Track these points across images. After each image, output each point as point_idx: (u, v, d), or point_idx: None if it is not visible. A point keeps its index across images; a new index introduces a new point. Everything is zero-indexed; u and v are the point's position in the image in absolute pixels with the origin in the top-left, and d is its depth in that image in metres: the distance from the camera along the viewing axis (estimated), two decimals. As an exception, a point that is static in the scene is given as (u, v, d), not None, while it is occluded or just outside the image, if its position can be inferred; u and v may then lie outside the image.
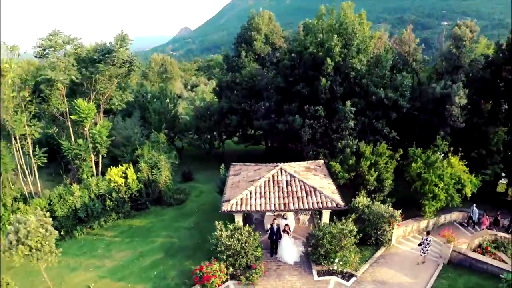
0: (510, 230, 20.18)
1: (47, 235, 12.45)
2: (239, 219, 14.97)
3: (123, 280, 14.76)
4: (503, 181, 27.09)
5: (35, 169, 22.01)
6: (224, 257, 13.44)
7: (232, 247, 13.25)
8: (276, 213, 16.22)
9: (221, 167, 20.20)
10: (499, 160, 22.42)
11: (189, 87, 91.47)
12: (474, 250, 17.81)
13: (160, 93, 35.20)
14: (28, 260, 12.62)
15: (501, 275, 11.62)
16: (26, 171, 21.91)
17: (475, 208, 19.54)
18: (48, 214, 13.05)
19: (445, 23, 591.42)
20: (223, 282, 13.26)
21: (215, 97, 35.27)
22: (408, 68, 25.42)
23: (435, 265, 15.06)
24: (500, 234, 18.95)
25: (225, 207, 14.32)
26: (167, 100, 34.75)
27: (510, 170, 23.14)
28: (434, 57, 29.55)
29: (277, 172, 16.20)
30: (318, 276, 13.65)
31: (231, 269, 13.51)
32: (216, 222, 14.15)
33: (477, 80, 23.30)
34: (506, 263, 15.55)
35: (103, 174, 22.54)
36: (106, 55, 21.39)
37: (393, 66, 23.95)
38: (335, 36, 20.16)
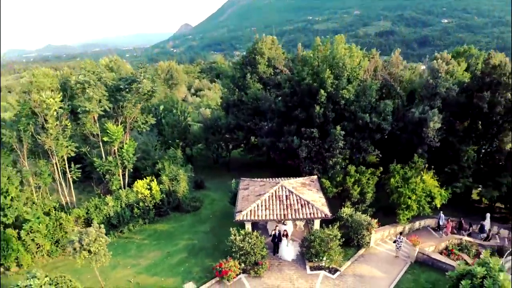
0: (488, 236, 24.32)
1: (103, 242, 16.66)
2: (248, 226, 19.19)
3: (157, 275, 18.97)
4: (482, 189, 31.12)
5: (71, 182, 26.18)
6: (238, 256, 17.65)
7: (243, 248, 17.47)
8: (278, 220, 20.42)
9: (232, 182, 24.38)
10: (469, 174, 26.52)
11: (193, 90, 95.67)
12: (441, 252, 21.97)
13: (172, 106, 39.28)
14: (88, 262, 16.73)
15: (446, 273, 15.72)
16: (63, 184, 26.09)
17: (442, 215, 23.66)
18: (102, 226, 17.16)
19: (445, 20, 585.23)
20: (237, 275, 17.50)
21: (220, 106, 39.42)
22: (393, 92, 29.51)
23: (404, 263, 19.25)
24: (465, 238, 23.10)
25: (238, 217, 18.54)
26: (178, 113, 38.94)
27: (479, 182, 27.30)
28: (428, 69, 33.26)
29: (278, 188, 20.40)
30: (310, 271, 17.91)
31: (242, 265, 17.73)
32: (231, 229, 18.38)
33: (453, 104, 27.34)
34: (469, 263, 19.60)
35: (129, 185, 26.81)
36: (131, 84, 25.52)
37: (378, 91, 27.98)
38: (328, 70, 24.27)
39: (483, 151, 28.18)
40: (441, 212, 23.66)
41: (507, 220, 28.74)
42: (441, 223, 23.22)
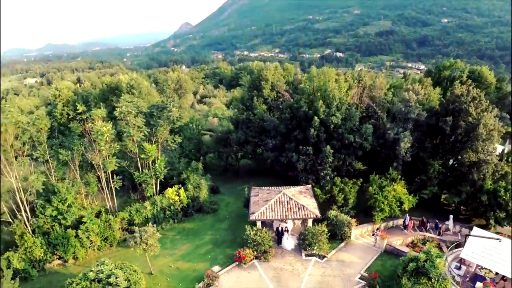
0: (439, 231, 30.79)
1: (156, 237, 23.20)
2: (259, 224, 25.79)
3: (190, 261, 25.56)
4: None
5: (113, 190, 32.68)
6: (251, 246, 24.24)
7: (256, 240, 24.06)
8: (281, 220, 27.00)
9: (245, 189, 30.91)
10: (435, 183, 32.94)
11: (198, 97, 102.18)
12: (408, 245, 28.49)
13: (189, 122, 45.69)
14: (145, 252, 23.11)
15: (400, 258, 22.28)
16: (107, 192, 32.58)
17: (407, 215, 30.11)
18: (154, 225, 23.68)
19: (445, 19, 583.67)
20: (251, 260, 24.07)
21: (231, 122, 45.78)
22: (375, 115, 35.97)
23: (376, 252, 25.83)
24: (427, 234, 29.64)
25: (252, 217, 25.15)
26: (194, 126, 45.51)
27: (444, 190, 33.85)
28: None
29: (281, 195, 27.02)
30: (305, 257, 24.52)
31: (255, 253, 24.32)
32: (246, 226, 24.96)
33: (424, 126, 33.79)
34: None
35: (160, 192, 33.37)
36: (162, 111, 32.02)
37: (362, 116, 34.41)
38: (321, 100, 30.78)
39: (448, 164, 34.70)
40: (407, 213, 30.14)
41: (470, 220, 35.25)
42: (406, 223, 29.70)
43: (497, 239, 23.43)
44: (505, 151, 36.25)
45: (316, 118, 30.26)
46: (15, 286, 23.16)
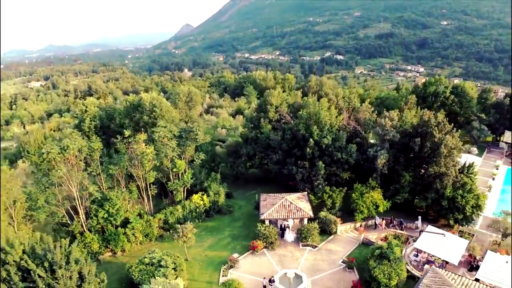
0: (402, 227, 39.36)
1: (193, 232, 31.87)
2: (267, 222, 34.50)
3: (215, 251, 34.25)
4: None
5: (150, 196, 41.33)
6: (262, 238, 32.94)
7: (265, 234, 32.75)
8: (283, 219, 35.64)
9: (255, 195, 39.66)
10: (407, 190, 41.49)
11: (205, 106, 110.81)
12: (382, 239, 37.14)
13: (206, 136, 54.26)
14: (184, 243, 31.71)
15: (370, 246, 30.96)
16: (145, 198, 41.22)
17: (377, 217, 38.63)
18: (192, 224, 32.37)
19: (445, 22, 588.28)
20: (261, 249, 32.79)
21: (241, 138, 54.42)
22: (360, 134, 44.61)
23: (355, 243, 34.52)
24: (398, 231, 38.28)
25: (262, 217, 33.96)
26: (209, 142, 54.21)
27: (414, 196, 42.51)
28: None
29: (284, 200, 35.76)
30: (302, 246, 33.26)
31: (264, 243, 33.02)
32: (258, 223, 33.67)
33: (399, 144, 42.43)
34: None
35: (187, 197, 42.03)
36: (189, 133, 40.72)
37: (349, 136, 43.06)
38: (315, 126, 39.48)
39: (418, 175, 43.30)
40: (376, 215, 38.63)
41: (436, 220, 43.82)
42: (377, 222, 38.35)
43: (442, 234, 32.10)
44: (466, 164, 44.74)
45: (311, 140, 38.97)
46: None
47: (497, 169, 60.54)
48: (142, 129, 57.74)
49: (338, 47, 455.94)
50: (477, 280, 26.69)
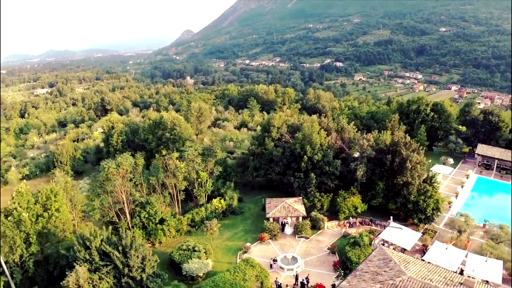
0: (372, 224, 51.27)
1: (218, 226, 43.86)
2: (271, 219, 46.59)
3: (233, 241, 46.27)
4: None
5: (179, 200, 53.38)
6: (267, 232, 44.97)
7: (270, 228, 44.83)
8: (284, 217, 47.70)
9: (262, 199, 51.71)
10: (381, 196, 53.45)
11: (212, 118, 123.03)
12: (359, 234, 49.10)
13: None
14: (211, 235, 43.68)
15: (346, 237, 42.99)
16: (175, 202, 53.24)
17: (351, 217, 50.49)
18: (215, 220, 44.42)
19: (443, 29, 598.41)
20: (267, 239, 44.82)
21: (249, 153, 66.42)
22: (344, 152, 56.69)
23: (337, 236, 46.51)
24: (373, 227, 50.22)
25: (267, 215, 46.14)
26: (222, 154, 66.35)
27: (387, 200, 54.51)
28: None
29: (284, 203, 47.91)
30: (297, 238, 45.36)
31: (269, 235, 45.06)
32: (264, 221, 45.76)
33: (375, 159, 54.53)
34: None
35: (207, 201, 54.07)
36: (210, 152, 52.86)
37: (336, 152, 55.19)
38: (308, 145, 51.65)
39: (390, 184, 55.32)
40: (351, 216, 50.44)
41: (406, 220, 55.68)
42: (351, 222, 50.22)
43: (400, 228, 44.04)
44: (430, 175, 56.59)
45: (305, 156, 51.10)
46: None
47: (467, 178, 72.14)
48: (164, 144, 70.11)
49: (338, 54, 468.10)
50: (423, 260, 38.56)
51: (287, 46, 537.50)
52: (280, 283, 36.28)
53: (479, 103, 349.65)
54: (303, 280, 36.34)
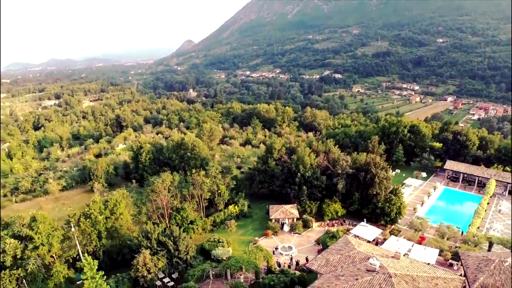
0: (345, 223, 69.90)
1: (235, 224, 62.61)
2: (273, 220, 65.37)
3: (245, 236, 65.16)
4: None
5: (204, 207, 72.06)
6: (270, 229, 63.74)
7: (272, 227, 63.71)
8: (282, 218, 66.43)
9: (266, 206, 70.53)
10: (357, 203, 72.11)
11: (220, 136, 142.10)
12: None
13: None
14: (230, 231, 62.35)
15: (329, 233, 61.73)
16: (201, 207, 71.97)
17: (328, 220, 69.10)
18: (233, 221, 63.20)
19: (440, 40, 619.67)
20: (271, 235, 63.62)
21: (254, 169, 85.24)
22: (329, 169, 75.64)
23: (322, 232, 65.21)
24: (349, 226, 68.84)
25: (271, 217, 64.96)
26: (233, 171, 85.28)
27: (362, 206, 73.29)
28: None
29: (283, 208, 66.88)
30: (293, 234, 64.23)
31: (272, 232, 63.88)
32: (268, 222, 64.70)
33: (352, 175, 73.44)
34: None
35: (225, 207, 72.83)
36: (228, 169, 71.79)
37: (323, 170, 74.20)
38: (301, 165, 70.72)
39: (364, 194, 74.08)
40: (328, 219, 69.12)
41: (377, 221, 74.20)
42: (328, 224, 68.78)
43: (366, 225, 62.70)
44: (395, 187, 75.14)
45: (299, 173, 70.03)
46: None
47: (434, 189, 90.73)
48: (186, 161, 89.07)
49: (337, 65, 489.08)
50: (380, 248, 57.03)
51: (287, 57, 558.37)
52: (280, 263, 54.89)
53: (473, 114, 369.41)
54: (296, 261, 55.00)
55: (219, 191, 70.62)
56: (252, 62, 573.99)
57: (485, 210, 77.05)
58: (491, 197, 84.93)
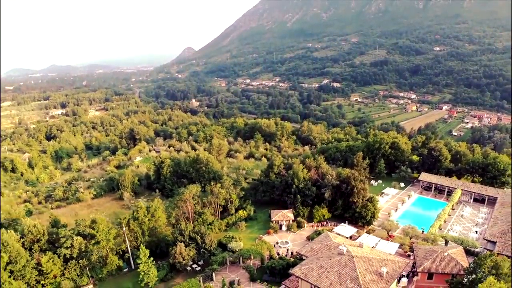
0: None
1: (245, 225, 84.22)
2: (274, 222, 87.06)
3: (252, 234, 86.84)
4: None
5: (219, 212, 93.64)
6: (272, 229, 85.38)
7: (273, 227, 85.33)
8: (281, 220, 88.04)
9: (269, 211, 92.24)
10: (340, 208, 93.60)
11: (227, 149, 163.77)
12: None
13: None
14: (241, 230, 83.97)
15: (317, 231, 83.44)
16: (217, 212, 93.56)
17: (317, 221, 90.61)
18: (243, 222, 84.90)
19: (437, 48, 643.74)
20: (272, 233, 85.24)
21: (258, 180, 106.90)
22: (319, 182, 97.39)
23: (312, 231, 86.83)
24: (332, 227, 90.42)
25: (272, 219, 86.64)
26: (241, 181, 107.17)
27: (344, 211, 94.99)
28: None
29: (281, 212, 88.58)
30: (289, 232, 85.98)
31: (273, 231, 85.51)
32: (270, 223, 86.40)
33: (337, 186, 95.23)
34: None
35: (236, 211, 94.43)
36: (237, 181, 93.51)
37: (313, 182, 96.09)
38: (296, 178, 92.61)
39: (346, 201, 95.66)
40: (317, 221, 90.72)
41: (356, 223, 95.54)
42: (315, 225, 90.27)
43: (345, 225, 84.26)
44: (371, 196, 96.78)
45: (294, 185, 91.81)
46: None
47: (408, 197, 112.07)
48: (201, 174, 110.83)
49: (335, 74, 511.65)
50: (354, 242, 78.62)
51: (286, 65, 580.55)
52: (279, 253, 76.46)
53: (467, 122, 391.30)
54: (291, 252, 76.53)
55: (231, 199, 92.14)
56: (252, 70, 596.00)
57: (449, 215, 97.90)
58: (457, 203, 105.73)
